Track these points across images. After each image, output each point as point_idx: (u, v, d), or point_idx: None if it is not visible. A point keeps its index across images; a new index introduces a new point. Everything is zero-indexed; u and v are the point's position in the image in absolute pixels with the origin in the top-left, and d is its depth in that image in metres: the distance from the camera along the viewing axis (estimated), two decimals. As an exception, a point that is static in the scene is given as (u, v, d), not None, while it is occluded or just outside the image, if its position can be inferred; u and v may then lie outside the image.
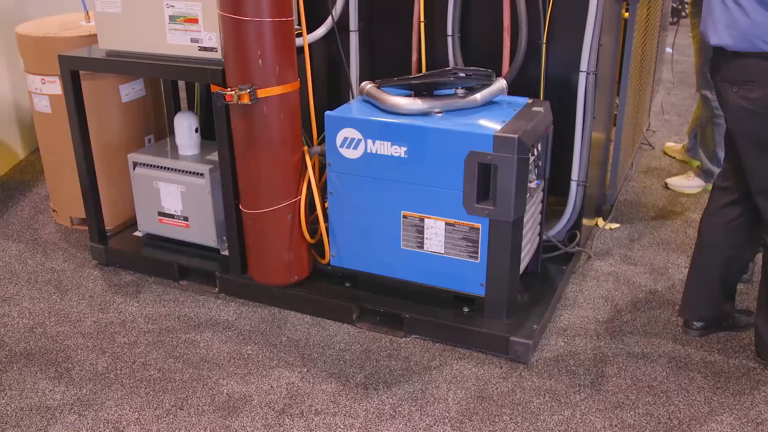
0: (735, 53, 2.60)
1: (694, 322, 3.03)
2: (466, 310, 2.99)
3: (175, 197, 3.41)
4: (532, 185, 2.94)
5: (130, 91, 3.74)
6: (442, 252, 2.91)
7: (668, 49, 6.56)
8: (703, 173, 4.46)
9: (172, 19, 3.06)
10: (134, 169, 3.49)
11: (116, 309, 3.26)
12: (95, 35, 3.51)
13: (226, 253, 3.41)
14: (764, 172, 2.64)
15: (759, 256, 3.40)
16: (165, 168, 3.41)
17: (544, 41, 3.24)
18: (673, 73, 6.80)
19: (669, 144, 5.12)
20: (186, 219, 3.43)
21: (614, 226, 3.99)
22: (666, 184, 4.54)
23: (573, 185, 3.36)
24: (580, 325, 3.11)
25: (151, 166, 3.44)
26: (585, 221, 3.53)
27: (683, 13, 6.61)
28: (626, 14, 3.63)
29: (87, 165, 3.45)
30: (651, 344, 2.98)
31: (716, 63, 2.71)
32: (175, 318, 3.19)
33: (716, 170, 4.27)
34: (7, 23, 4.82)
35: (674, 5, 6.75)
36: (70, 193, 3.90)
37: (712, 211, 2.92)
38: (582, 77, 3.20)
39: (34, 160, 4.99)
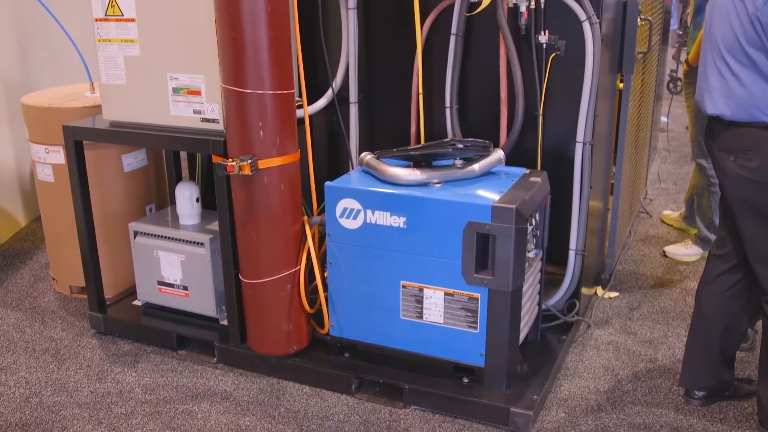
0: (732, 122, 2.64)
1: (696, 392, 3.01)
2: (465, 380, 2.97)
3: (175, 266, 3.42)
4: (531, 255, 2.96)
5: (133, 160, 3.78)
6: (442, 322, 2.91)
7: (663, 118, 6.66)
8: (701, 241, 4.48)
9: (176, 91, 3.12)
10: (135, 238, 3.51)
11: (113, 379, 3.24)
12: (99, 106, 3.57)
13: (225, 322, 3.40)
14: (762, 240, 2.66)
15: (759, 324, 3.40)
16: (165, 237, 3.43)
17: (541, 112, 3.30)
18: (668, 142, 6.88)
19: (666, 212, 5.15)
20: (185, 288, 3.43)
21: (613, 295, 3.99)
22: (664, 252, 4.55)
23: (571, 254, 3.37)
24: (581, 396, 3.09)
25: (151, 235, 3.46)
26: (584, 290, 3.54)
27: (678, 88, 6.72)
28: (621, 85, 3.70)
29: (88, 234, 3.47)
30: (653, 414, 2.96)
31: (712, 132, 2.75)
32: (173, 388, 3.16)
33: (714, 238, 4.29)
34: (13, 93, 4.91)
35: (670, 78, 6.87)
36: (70, 262, 3.91)
37: (708, 280, 2.93)
38: (578, 147, 3.25)
39: (35, 228, 5.02)
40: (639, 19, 3.51)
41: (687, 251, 4.50)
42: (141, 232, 3.49)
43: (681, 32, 6.90)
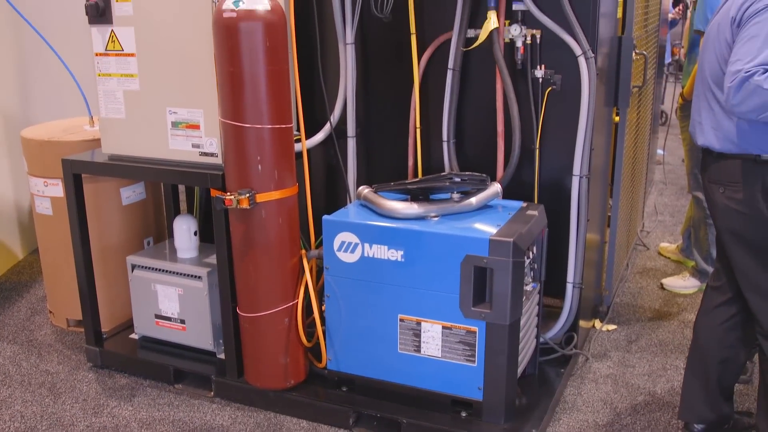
0: (720, 154, 2.67)
1: (695, 425, 2.99)
2: (463, 414, 2.96)
3: (172, 300, 3.41)
4: (528, 288, 2.96)
5: (131, 194, 3.79)
6: (439, 356, 2.90)
7: (659, 151, 6.70)
8: (699, 273, 4.48)
9: (175, 125, 3.14)
10: (132, 271, 3.51)
11: (110, 413, 3.22)
12: (98, 139, 3.58)
13: (222, 356, 3.39)
14: (753, 270, 2.67)
15: (756, 356, 3.40)
16: (163, 270, 3.43)
17: (537, 146, 3.32)
18: (665, 174, 6.92)
19: (663, 244, 5.16)
20: (183, 322, 3.43)
21: (611, 327, 3.98)
22: (662, 284, 4.56)
23: (569, 287, 3.38)
24: (580, 429, 3.07)
25: (149, 268, 3.46)
26: (582, 323, 3.54)
27: (664, 119, 6.78)
28: (617, 118, 3.73)
29: (86, 267, 3.47)
30: (652, 449, 2.94)
31: (705, 163, 2.78)
32: (170, 423, 3.14)
33: (711, 270, 4.29)
34: (13, 127, 4.93)
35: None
36: (67, 295, 3.90)
37: (706, 311, 2.93)
38: (575, 181, 3.27)
39: (33, 261, 5.01)
40: (634, 54, 3.55)
41: (684, 283, 4.50)
42: (139, 265, 3.49)
43: (668, 68, 6.97)
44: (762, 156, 2.58)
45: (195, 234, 3.50)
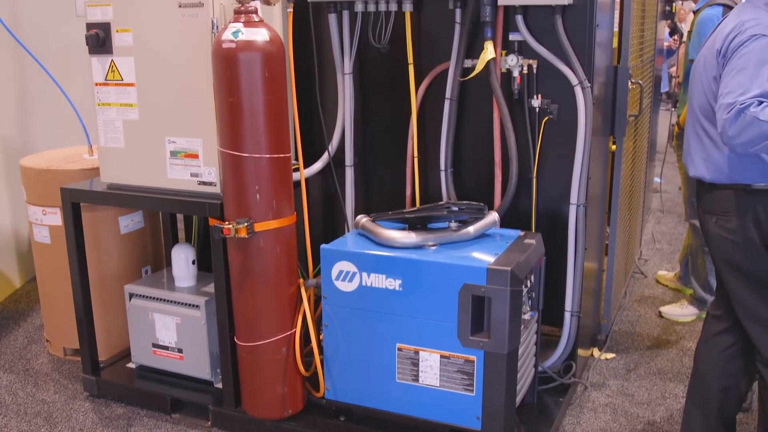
0: (712, 185, 2.69)
1: (695, 456, 2.98)
2: (462, 444, 2.95)
3: (170, 329, 3.41)
4: (526, 317, 2.96)
5: (129, 222, 3.80)
6: (438, 385, 2.89)
7: (656, 179, 6.72)
8: (697, 301, 4.48)
9: (173, 154, 3.15)
10: (130, 300, 3.50)
11: (106, 443, 3.21)
12: (97, 168, 3.59)
13: (219, 385, 3.38)
14: (749, 299, 2.67)
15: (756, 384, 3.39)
16: (161, 299, 3.43)
17: (535, 175, 3.33)
18: (662, 203, 6.93)
19: (661, 272, 5.16)
20: (180, 351, 3.42)
21: (610, 356, 3.97)
22: (660, 312, 4.55)
23: (567, 316, 3.37)
24: (579, 460, 3.06)
25: (147, 297, 3.46)
26: (580, 352, 3.53)
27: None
28: (613, 147, 3.75)
29: (83, 295, 3.46)
30: (651, 480, 2.92)
31: (698, 194, 2.80)
32: (166, 453, 3.13)
33: (709, 298, 4.29)
34: (13, 155, 4.95)
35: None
36: (64, 323, 3.89)
37: (706, 340, 2.92)
38: (572, 209, 3.28)
39: (30, 289, 5.00)
40: (630, 83, 3.58)
41: (683, 311, 4.50)
42: (136, 294, 3.49)
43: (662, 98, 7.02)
44: (752, 185, 2.60)
45: (193, 263, 3.50)
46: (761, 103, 2.35)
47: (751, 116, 2.35)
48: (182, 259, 3.47)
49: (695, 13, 4.51)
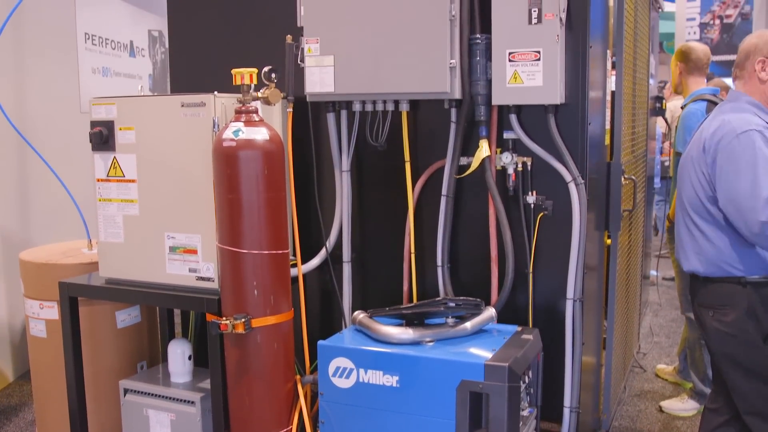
0: (707, 278, 2.71)
1: None
2: None
3: (164, 425, 3.36)
4: (525, 413, 2.93)
5: (126, 317, 3.79)
6: (436, 485, 2.84)
7: (653, 272, 6.75)
8: (697, 395, 4.44)
9: (172, 249, 3.18)
10: (125, 395, 3.47)
11: None
12: (96, 263, 3.61)
13: (213, 484, 3.32)
14: (749, 392, 2.66)
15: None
16: (156, 395, 3.39)
17: (531, 270, 3.35)
18: (659, 295, 6.93)
19: (660, 366, 5.13)
20: (174, 448, 3.37)
21: (610, 453, 3.91)
22: (660, 407, 4.50)
23: (566, 411, 3.34)
24: None
25: (141, 393, 3.43)
26: (580, 448, 3.48)
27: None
28: (608, 241, 3.78)
29: (77, 391, 3.43)
30: None
31: (693, 288, 2.82)
32: None
33: (708, 391, 4.25)
34: (12, 248, 4.97)
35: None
36: (57, 419, 3.83)
37: (705, 434, 2.90)
38: (569, 304, 3.29)
39: (23, 383, 4.95)
40: (623, 179, 3.64)
41: (683, 406, 4.45)
42: (131, 389, 3.45)
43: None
44: (746, 278, 2.63)
45: (189, 358, 3.48)
46: None
47: None
48: (178, 354, 3.45)
49: (682, 107, 4.63)
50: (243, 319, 2.86)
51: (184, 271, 3.17)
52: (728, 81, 9.40)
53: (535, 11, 3.07)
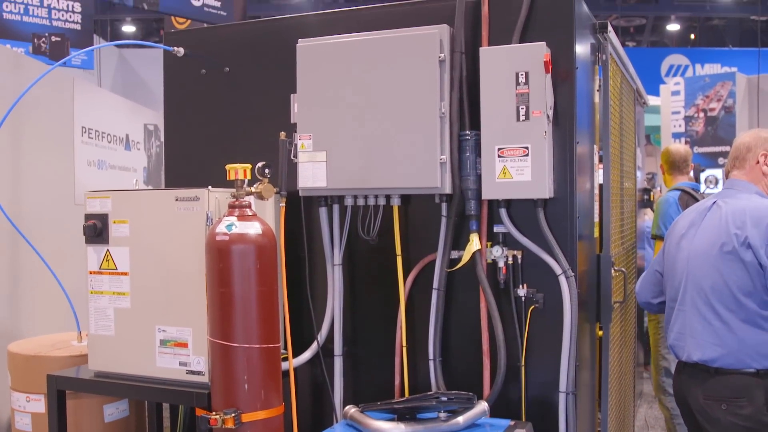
0: (719, 369, 2.67)
1: None
2: None
3: None
4: None
5: (114, 411, 3.74)
6: None
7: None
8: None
9: (163, 343, 3.17)
10: (110, 494, 3.40)
11: None
12: (85, 355, 3.58)
13: None
14: None
15: None
16: (142, 493, 3.33)
17: (523, 363, 3.34)
18: (653, 386, 6.87)
19: (656, 460, 5.06)
20: None
21: None
22: (657, 503, 4.42)
23: (562, 508, 3.28)
24: None
25: (128, 490, 3.36)
26: None
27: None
28: (600, 333, 3.78)
29: (62, 489, 3.36)
30: None
31: (698, 380, 2.76)
32: None
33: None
34: (1, 339, 4.92)
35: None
36: None
37: None
38: (562, 397, 3.26)
39: (6, 479, 4.83)
40: (613, 271, 3.67)
41: (680, 502, 4.38)
42: (117, 487, 3.39)
43: None
44: (763, 369, 2.60)
45: (178, 454, 3.43)
46: None
47: None
48: (166, 450, 3.40)
49: (659, 195, 4.87)
50: (233, 414, 2.83)
51: (174, 365, 3.15)
52: (713, 171, 9.64)
53: (522, 108, 3.15)
